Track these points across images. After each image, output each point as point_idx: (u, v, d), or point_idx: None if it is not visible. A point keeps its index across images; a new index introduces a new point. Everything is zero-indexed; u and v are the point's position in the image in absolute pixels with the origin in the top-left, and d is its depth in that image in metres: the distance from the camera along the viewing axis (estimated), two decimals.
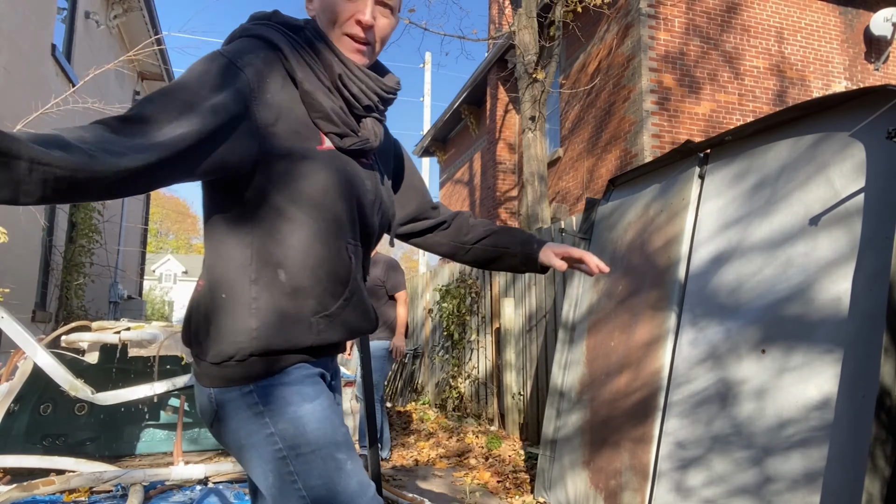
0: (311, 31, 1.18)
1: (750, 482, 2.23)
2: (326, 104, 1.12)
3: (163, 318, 27.75)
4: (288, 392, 1.04)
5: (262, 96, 1.04)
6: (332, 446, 1.03)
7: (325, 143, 1.11)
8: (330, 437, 1.04)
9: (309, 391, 1.06)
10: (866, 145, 2.16)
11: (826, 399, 2.06)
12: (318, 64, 1.14)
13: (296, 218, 1.07)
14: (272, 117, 1.04)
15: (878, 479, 1.78)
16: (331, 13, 1.15)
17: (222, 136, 0.96)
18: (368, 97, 1.18)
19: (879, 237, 2.02)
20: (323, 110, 1.11)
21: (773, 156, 2.55)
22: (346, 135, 1.14)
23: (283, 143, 1.05)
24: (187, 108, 0.91)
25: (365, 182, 1.19)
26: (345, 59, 1.16)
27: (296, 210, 1.07)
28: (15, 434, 3.89)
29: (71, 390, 3.16)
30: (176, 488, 3.45)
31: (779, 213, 2.44)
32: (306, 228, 1.07)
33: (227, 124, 0.96)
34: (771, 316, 2.33)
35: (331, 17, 1.15)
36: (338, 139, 1.13)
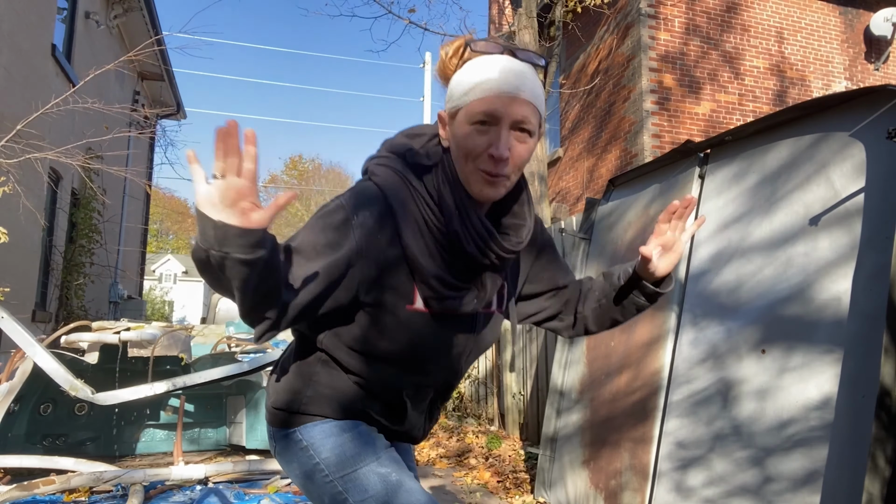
0: (442, 172, 1.12)
1: (750, 482, 2.23)
2: (430, 270, 1.10)
3: (163, 318, 27.76)
4: (328, 426, 1.19)
5: (369, 255, 1.08)
6: (374, 463, 1.15)
7: (416, 303, 1.13)
8: (371, 455, 1.16)
9: (345, 425, 1.20)
10: (866, 145, 2.16)
11: (826, 399, 2.06)
12: (435, 219, 1.10)
13: (366, 355, 1.17)
14: (374, 273, 1.09)
15: (878, 479, 1.78)
16: (463, 148, 1.08)
17: (333, 291, 1.07)
18: (487, 256, 1.11)
19: (879, 237, 2.02)
20: (424, 276, 1.10)
21: (773, 156, 2.55)
22: (445, 299, 1.12)
23: (377, 295, 1.12)
24: (311, 277, 1.03)
25: (453, 340, 1.20)
26: (468, 211, 1.10)
27: (367, 351, 1.16)
28: (15, 434, 3.89)
29: (71, 390, 3.16)
30: (176, 488, 3.45)
31: (779, 213, 2.43)
32: (372, 367, 1.17)
33: (336, 282, 1.06)
34: (771, 316, 2.33)
35: (463, 151, 1.08)
36: (435, 303, 1.12)
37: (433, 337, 1.17)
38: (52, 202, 7.29)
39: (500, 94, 1.05)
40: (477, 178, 1.08)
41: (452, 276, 1.12)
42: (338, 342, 1.16)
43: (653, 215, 3.16)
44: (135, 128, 9.03)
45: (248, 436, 4.53)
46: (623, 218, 3.43)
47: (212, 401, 4.78)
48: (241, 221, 0.85)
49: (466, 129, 1.07)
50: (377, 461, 1.16)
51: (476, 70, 1.08)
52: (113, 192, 8.73)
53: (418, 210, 1.11)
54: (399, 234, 1.09)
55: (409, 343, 1.16)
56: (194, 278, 41.55)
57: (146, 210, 13.09)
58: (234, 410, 4.76)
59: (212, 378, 3.42)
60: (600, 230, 3.63)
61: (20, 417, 3.93)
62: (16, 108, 5.47)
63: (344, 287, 1.07)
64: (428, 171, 1.13)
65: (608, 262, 3.42)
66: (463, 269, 1.13)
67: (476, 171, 1.07)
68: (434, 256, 1.11)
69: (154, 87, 11.86)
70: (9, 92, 5.62)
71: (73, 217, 8.02)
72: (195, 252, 0.90)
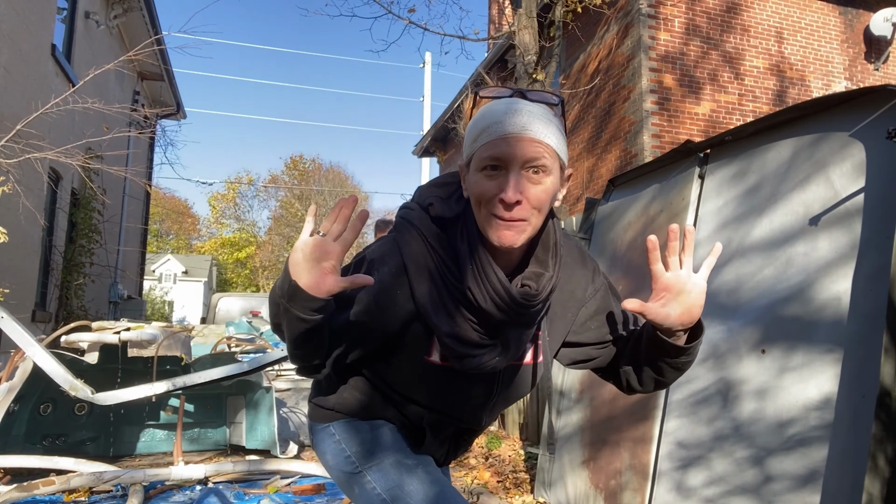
0: (463, 225, 1.11)
1: (750, 482, 2.23)
2: (444, 329, 1.10)
3: (163, 319, 27.76)
4: (359, 424, 1.26)
5: (387, 310, 1.12)
6: (401, 455, 1.21)
7: (433, 356, 1.15)
8: (399, 449, 1.23)
9: (377, 423, 1.26)
10: (866, 145, 2.16)
11: (826, 399, 2.06)
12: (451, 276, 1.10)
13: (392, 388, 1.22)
14: (393, 327, 1.13)
15: (878, 479, 1.78)
16: (475, 195, 1.06)
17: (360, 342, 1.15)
18: (503, 312, 1.08)
19: (879, 237, 2.02)
20: (439, 334, 1.11)
21: (773, 156, 2.55)
22: (463, 357, 1.11)
23: (397, 346, 1.15)
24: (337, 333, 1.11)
25: (474, 392, 1.20)
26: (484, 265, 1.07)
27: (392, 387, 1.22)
28: (15, 434, 3.89)
29: (71, 390, 3.16)
30: (176, 488, 3.45)
31: (779, 213, 2.43)
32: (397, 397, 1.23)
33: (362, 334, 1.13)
34: (771, 316, 2.33)
35: (475, 198, 1.06)
36: (454, 361, 1.12)
37: (452, 388, 1.18)
38: (52, 202, 7.29)
39: (505, 137, 1.02)
40: (491, 224, 1.04)
41: (473, 334, 1.11)
42: (370, 370, 1.23)
43: (653, 215, 3.16)
44: (135, 128, 9.04)
45: (248, 436, 4.54)
46: (623, 218, 3.43)
47: (212, 401, 4.78)
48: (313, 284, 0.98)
49: (477, 176, 1.05)
50: (403, 454, 1.22)
51: (483, 115, 1.06)
52: (113, 192, 8.72)
53: (435, 267, 1.10)
54: (412, 291, 1.10)
55: (427, 391, 1.20)
56: (194, 278, 41.56)
57: (146, 210, 13.09)
58: (234, 410, 4.76)
59: (212, 378, 3.42)
60: (600, 230, 3.63)
61: (20, 417, 3.93)
62: (16, 108, 5.47)
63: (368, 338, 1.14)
64: (449, 224, 1.12)
65: (608, 262, 3.42)
66: (485, 326, 1.11)
67: (489, 216, 1.04)
68: (451, 314, 1.10)
69: (154, 87, 11.86)
70: (9, 92, 5.62)
71: (73, 217, 8.02)
72: (272, 292, 1.05)
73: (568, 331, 1.25)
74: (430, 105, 19.09)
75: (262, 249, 37.43)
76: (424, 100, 19.16)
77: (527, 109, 1.04)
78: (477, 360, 1.11)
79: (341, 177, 36.01)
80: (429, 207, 1.14)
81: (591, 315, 1.25)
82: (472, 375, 1.16)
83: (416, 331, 1.13)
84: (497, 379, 1.19)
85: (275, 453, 4.25)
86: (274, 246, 35.94)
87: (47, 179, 6.27)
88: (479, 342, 1.11)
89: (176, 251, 45.26)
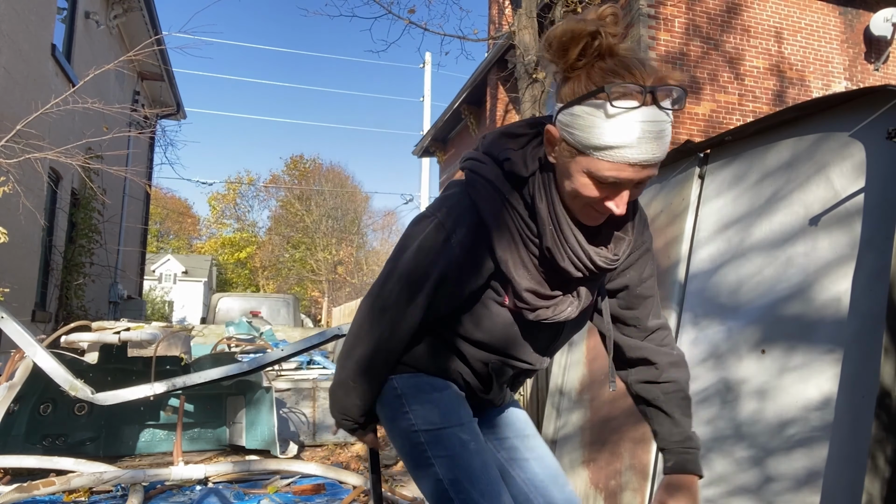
0: (541, 185, 1.09)
1: (750, 482, 2.23)
2: (522, 283, 1.12)
3: (163, 319, 27.75)
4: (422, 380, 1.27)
5: (466, 268, 1.14)
6: (458, 428, 1.21)
7: (506, 302, 1.18)
8: (457, 419, 1.22)
9: (439, 383, 1.27)
10: (866, 145, 2.16)
11: (826, 399, 2.06)
12: (530, 232, 1.10)
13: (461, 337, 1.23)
14: (475, 281, 1.16)
15: (878, 479, 1.78)
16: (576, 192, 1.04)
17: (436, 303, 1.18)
18: (581, 271, 1.10)
19: (879, 237, 2.02)
20: (517, 289, 1.13)
21: (773, 156, 2.55)
22: (537, 309, 1.14)
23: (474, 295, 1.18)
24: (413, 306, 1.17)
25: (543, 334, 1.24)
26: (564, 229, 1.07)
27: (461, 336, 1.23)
28: (15, 434, 3.89)
29: (71, 390, 3.15)
30: (176, 488, 3.45)
31: (779, 213, 2.44)
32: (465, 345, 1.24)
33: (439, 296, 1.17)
34: (771, 316, 2.33)
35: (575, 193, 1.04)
36: (527, 313, 1.15)
37: (521, 332, 1.21)
38: (52, 202, 7.29)
39: (633, 164, 0.97)
40: (585, 213, 1.07)
41: (547, 286, 1.13)
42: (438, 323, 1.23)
43: (653, 215, 3.16)
44: (135, 128, 9.03)
45: (248, 436, 4.54)
46: None
47: (212, 401, 4.78)
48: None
49: (585, 180, 1.02)
50: (461, 427, 1.22)
51: (612, 129, 0.96)
52: (113, 192, 8.72)
53: (513, 223, 1.11)
54: (493, 248, 1.11)
55: (497, 336, 1.21)
56: (194, 278, 41.55)
57: (146, 210, 13.09)
58: (233, 410, 4.76)
59: (212, 378, 3.42)
60: None
61: (20, 417, 3.93)
62: (16, 108, 5.47)
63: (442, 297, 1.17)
64: (524, 181, 1.11)
65: None
66: (558, 280, 1.13)
67: (585, 207, 1.05)
68: (528, 268, 1.12)
69: (154, 87, 11.86)
70: (9, 92, 5.62)
71: (73, 217, 8.02)
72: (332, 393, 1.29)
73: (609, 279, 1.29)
74: (430, 105, 19.09)
75: (262, 249, 37.42)
76: (424, 100, 19.16)
77: (661, 129, 0.97)
78: (552, 310, 1.15)
79: (341, 177, 36.01)
80: (504, 163, 1.12)
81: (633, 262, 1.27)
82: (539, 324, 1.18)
83: (494, 281, 1.16)
84: (564, 322, 1.22)
85: (275, 453, 4.25)
86: (274, 246, 35.93)
87: (47, 179, 6.27)
88: (552, 295, 1.14)
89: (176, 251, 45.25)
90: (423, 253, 1.14)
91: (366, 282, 31.28)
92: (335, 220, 33.23)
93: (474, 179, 1.13)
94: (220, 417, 4.82)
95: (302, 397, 5.22)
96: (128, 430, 4.57)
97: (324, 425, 5.21)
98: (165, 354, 3.92)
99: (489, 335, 1.20)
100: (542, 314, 1.15)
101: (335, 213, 33.37)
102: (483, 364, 1.25)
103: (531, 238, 1.11)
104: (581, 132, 0.99)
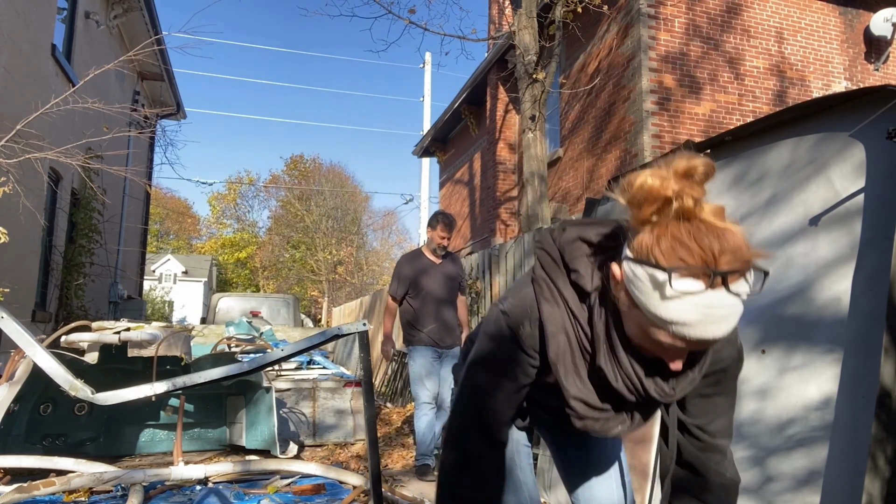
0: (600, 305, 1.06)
1: (750, 482, 2.23)
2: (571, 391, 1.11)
3: (163, 319, 27.76)
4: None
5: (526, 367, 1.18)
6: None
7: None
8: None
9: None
10: (866, 145, 2.16)
11: (826, 399, 2.06)
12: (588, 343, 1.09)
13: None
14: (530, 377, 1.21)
15: (878, 479, 1.78)
16: (639, 340, 1.01)
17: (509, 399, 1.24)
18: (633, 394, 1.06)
19: (879, 237, 2.02)
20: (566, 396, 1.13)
21: (773, 156, 2.55)
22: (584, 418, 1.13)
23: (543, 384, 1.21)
24: (498, 437, 1.25)
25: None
26: (619, 354, 1.04)
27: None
28: (15, 434, 3.89)
29: (71, 390, 3.15)
30: (176, 488, 3.45)
31: (779, 213, 2.43)
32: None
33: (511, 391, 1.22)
34: (771, 316, 2.33)
35: (639, 342, 1.02)
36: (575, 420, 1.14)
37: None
38: (52, 202, 7.28)
39: (691, 340, 0.94)
40: (643, 349, 1.04)
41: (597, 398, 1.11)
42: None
43: None
44: (135, 128, 9.04)
45: (248, 436, 4.53)
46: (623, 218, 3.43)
47: (212, 401, 4.78)
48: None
49: (641, 332, 0.99)
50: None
51: (671, 308, 0.91)
52: (113, 192, 8.72)
53: (573, 332, 1.09)
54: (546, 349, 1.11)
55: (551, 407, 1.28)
56: (194, 278, 41.55)
57: (146, 210, 13.08)
58: (234, 410, 4.76)
59: (211, 378, 3.42)
60: None
61: (20, 417, 3.93)
62: (16, 108, 5.47)
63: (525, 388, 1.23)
64: (585, 295, 1.09)
65: None
66: (613, 395, 1.09)
67: (644, 347, 1.03)
68: (581, 376, 1.10)
69: (154, 87, 11.85)
70: (9, 92, 5.62)
71: (73, 217, 8.02)
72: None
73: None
74: (430, 105, 19.08)
75: (263, 249, 37.41)
76: (424, 100, 19.15)
77: (725, 314, 0.92)
78: (601, 424, 1.12)
79: (341, 177, 35.99)
80: (571, 273, 1.10)
81: (701, 391, 1.22)
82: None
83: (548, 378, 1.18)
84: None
85: (274, 453, 4.25)
86: (274, 246, 35.92)
87: (47, 179, 6.27)
88: (604, 408, 1.11)
89: (176, 251, 45.24)
90: (500, 366, 1.20)
91: (366, 282, 31.30)
92: (335, 220, 33.22)
93: (543, 281, 1.13)
94: (220, 417, 4.82)
95: (302, 397, 5.21)
96: (128, 429, 4.57)
97: (324, 425, 5.21)
98: (166, 354, 3.92)
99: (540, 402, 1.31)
100: (590, 425, 1.12)
101: (335, 213, 33.36)
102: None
103: (588, 351, 1.08)
104: (641, 295, 0.94)
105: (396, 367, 8.51)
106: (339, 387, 5.36)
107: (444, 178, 15.41)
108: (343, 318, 14.69)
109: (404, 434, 5.61)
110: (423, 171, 18.85)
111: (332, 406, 5.29)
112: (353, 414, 5.33)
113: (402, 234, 39.02)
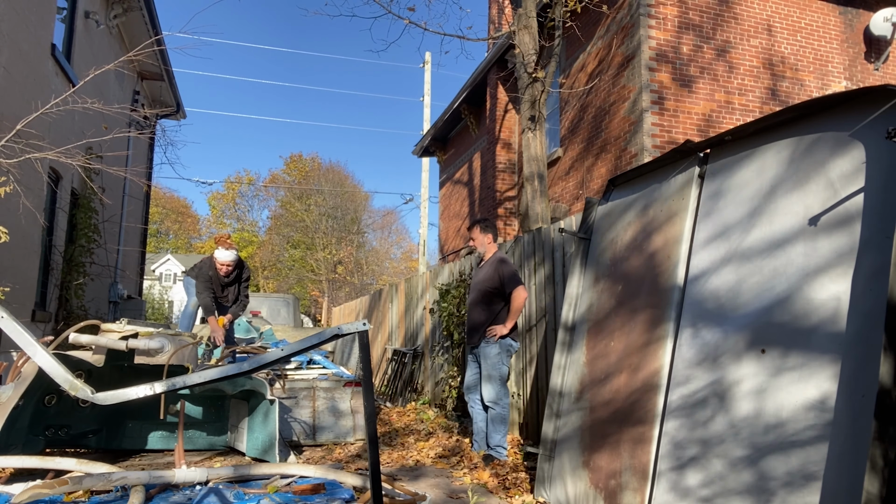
0: None
1: (749, 482, 2.24)
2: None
3: (162, 318, 27.73)
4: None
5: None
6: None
7: None
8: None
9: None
10: (866, 145, 2.16)
11: (825, 399, 2.06)
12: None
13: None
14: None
15: (878, 479, 1.78)
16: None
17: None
18: None
19: (879, 237, 2.02)
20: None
21: (773, 156, 2.55)
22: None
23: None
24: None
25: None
26: None
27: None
28: (19, 426, 3.90)
29: (71, 390, 3.16)
30: (176, 488, 3.46)
31: (778, 214, 2.44)
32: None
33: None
34: (770, 316, 2.33)
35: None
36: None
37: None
38: (52, 202, 7.28)
39: None
40: None
41: None
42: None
43: (652, 216, 3.16)
44: (134, 128, 9.03)
45: (249, 442, 4.53)
46: (622, 218, 3.43)
47: (214, 402, 4.79)
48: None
49: None
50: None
51: None
52: (113, 192, 8.72)
53: None
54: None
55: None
56: None
57: (146, 210, 13.07)
58: (236, 414, 4.76)
59: (211, 378, 3.42)
60: (600, 230, 3.63)
61: (25, 409, 3.94)
62: (16, 108, 5.47)
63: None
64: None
65: (608, 262, 3.43)
66: None
67: None
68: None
69: (154, 87, 11.84)
70: (9, 92, 5.62)
71: (73, 217, 8.02)
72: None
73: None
74: (430, 105, 19.07)
75: (262, 249, 37.41)
76: (424, 99, 19.15)
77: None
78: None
79: (341, 176, 35.99)
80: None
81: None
82: None
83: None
84: None
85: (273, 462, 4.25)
86: (274, 246, 35.92)
87: (47, 179, 6.27)
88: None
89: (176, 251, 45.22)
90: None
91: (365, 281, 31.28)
92: (335, 220, 33.22)
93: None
94: (221, 419, 4.82)
95: (302, 397, 5.22)
96: (130, 424, 4.59)
97: (322, 425, 5.22)
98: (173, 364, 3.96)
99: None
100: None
101: (335, 213, 33.36)
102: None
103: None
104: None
105: (396, 367, 8.52)
106: (338, 387, 5.37)
107: (443, 177, 15.41)
108: (343, 317, 14.69)
109: (404, 433, 5.62)
110: (423, 170, 18.86)
111: (331, 406, 5.29)
112: (353, 414, 5.33)
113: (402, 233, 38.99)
